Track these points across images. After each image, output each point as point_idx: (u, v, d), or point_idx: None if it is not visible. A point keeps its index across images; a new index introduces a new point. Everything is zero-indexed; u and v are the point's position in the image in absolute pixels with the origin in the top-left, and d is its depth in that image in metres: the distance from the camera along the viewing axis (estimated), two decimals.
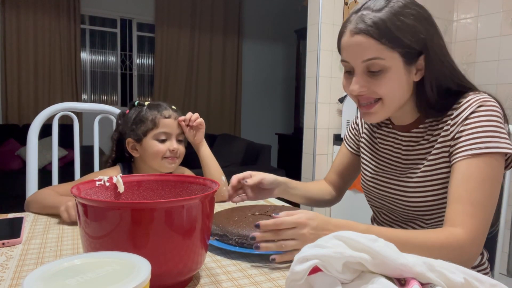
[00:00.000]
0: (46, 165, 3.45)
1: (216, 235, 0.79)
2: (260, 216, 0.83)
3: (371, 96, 0.80)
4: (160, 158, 1.09)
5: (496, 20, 2.51)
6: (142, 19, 4.77)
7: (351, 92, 0.81)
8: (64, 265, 0.40)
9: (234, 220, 0.81)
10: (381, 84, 0.77)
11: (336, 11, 2.73)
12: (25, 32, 4.03)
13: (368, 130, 1.03)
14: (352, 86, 0.79)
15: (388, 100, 0.79)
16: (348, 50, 0.78)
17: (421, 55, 0.78)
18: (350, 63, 0.79)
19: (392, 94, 0.79)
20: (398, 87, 0.78)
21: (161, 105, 1.13)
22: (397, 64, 0.76)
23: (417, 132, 0.87)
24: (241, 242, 0.75)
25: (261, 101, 5.58)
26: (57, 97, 4.21)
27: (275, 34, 5.47)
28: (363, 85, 0.79)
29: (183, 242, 0.56)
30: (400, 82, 0.78)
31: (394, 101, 0.80)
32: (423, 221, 0.87)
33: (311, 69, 2.77)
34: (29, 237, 0.82)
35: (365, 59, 0.76)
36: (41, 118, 1.33)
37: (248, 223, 0.79)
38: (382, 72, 0.76)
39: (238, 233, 0.76)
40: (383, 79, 0.77)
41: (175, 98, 4.83)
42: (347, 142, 1.11)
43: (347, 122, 2.65)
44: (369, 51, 0.75)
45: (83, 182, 0.67)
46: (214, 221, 0.81)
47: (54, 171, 1.36)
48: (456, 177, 0.75)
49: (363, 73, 0.78)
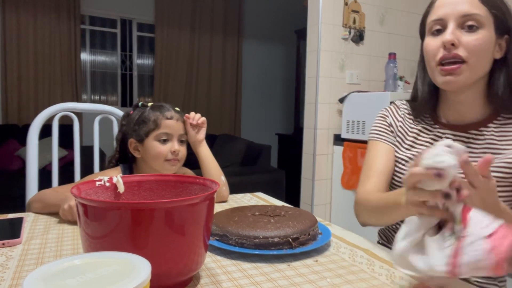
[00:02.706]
0: (46, 165, 3.45)
1: (216, 235, 0.79)
2: (260, 217, 0.82)
3: (459, 54, 0.79)
4: (162, 160, 1.09)
5: None
6: (142, 19, 4.77)
7: (444, 41, 0.80)
8: (64, 265, 0.40)
9: (234, 220, 0.81)
10: (473, 39, 0.79)
11: (336, 11, 2.73)
12: (25, 32, 4.03)
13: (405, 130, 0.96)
14: (446, 36, 0.80)
15: (474, 62, 0.79)
16: (448, 6, 0.81)
17: (506, 34, 0.82)
18: (444, 20, 0.81)
19: (479, 54, 0.79)
20: (486, 50, 0.80)
21: (164, 106, 1.13)
22: (490, 27, 0.80)
23: (483, 132, 0.84)
24: (241, 242, 0.75)
25: (261, 101, 5.57)
26: (57, 97, 4.21)
27: (275, 34, 5.47)
28: (456, 37, 0.80)
29: (183, 242, 0.56)
30: (488, 46, 0.80)
31: (479, 66, 0.81)
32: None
33: (311, 69, 2.77)
34: (29, 237, 0.82)
35: (465, 13, 0.79)
36: (41, 118, 1.33)
37: (248, 223, 0.78)
38: (477, 28, 0.79)
39: (238, 233, 0.75)
40: (476, 34, 0.79)
41: (175, 98, 4.83)
42: (383, 138, 0.98)
43: (347, 122, 2.65)
44: (470, 7, 0.79)
45: (83, 182, 0.67)
46: (214, 221, 0.81)
47: (54, 171, 1.36)
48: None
49: (458, 27, 0.80)
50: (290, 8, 5.32)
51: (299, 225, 0.78)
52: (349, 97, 2.66)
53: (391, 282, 0.64)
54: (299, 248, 0.75)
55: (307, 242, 0.77)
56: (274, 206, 0.92)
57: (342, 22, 2.75)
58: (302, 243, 0.76)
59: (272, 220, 0.80)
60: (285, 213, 0.85)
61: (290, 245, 0.75)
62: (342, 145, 2.66)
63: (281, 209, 0.89)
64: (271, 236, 0.74)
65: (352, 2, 2.78)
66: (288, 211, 0.87)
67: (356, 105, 2.59)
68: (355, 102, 2.61)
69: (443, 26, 0.82)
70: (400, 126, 0.98)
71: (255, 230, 0.75)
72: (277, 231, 0.75)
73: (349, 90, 2.75)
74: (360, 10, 2.81)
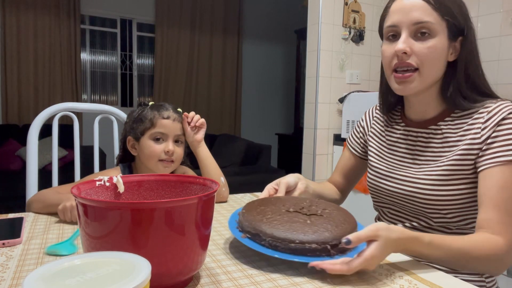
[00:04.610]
0: (46, 165, 3.45)
1: (248, 233, 0.72)
2: (296, 214, 0.75)
3: (411, 62, 0.82)
4: (156, 160, 1.09)
5: (496, 20, 2.51)
6: (142, 19, 4.77)
7: (396, 50, 0.82)
8: (64, 265, 0.40)
9: (267, 217, 0.73)
10: (425, 47, 0.81)
11: (336, 11, 2.73)
12: (25, 32, 4.03)
13: (376, 129, 1.04)
14: (398, 45, 0.82)
15: (425, 70, 0.82)
16: (400, 12, 0.83)
17: (460, 36, 0.83)
18: (398, 27, 0.83)
19: (431, 63, 0.82)
20: (438, 58, 0.82)
21: (163, 106, 1.13)
22: (442, 34, 0.81)
23: (441, 126, 0.88)
24: (275, 244, 0.68)
25: (261, 101, 5.58)
26: (57, 97, 4.21)
27: (275, 34, 5.47)
28: (408, 46, 0.82)
29: (183, 242, 0.56)
30: (440, 54, 0.82)
31: (430, 73, 0.83)
32: (431, 218, 0.87)
33: (311, 69, 2.77)
34: (29, 237, 0.82)
35: (417, 21, 0.80)
36: (41, 118, 1.33)
37: (282, 222, 0.71)
38: (429, 37, 0.81)
39: (272, 235, 0.68)
40: (429, 43, 0.81)
41: (175, 98, 4.83)
42: (351, 145, 1.13)
43: (347, 122, 2.65)
44: (422, 14, 0.80)
45: (83, 182, 0.66)
46: (245, 216, 0.74)
47: (54, 171, 1.36)
48: (490, 183, 0.77)
49: (410, 35, 0.82)
50: (290, 8, 5.32)
51: (337, 229, 0.70)
52: (349, 97, 2.66)
53: (391, 282, 0.64)
54: (337, 256, 0.68)
55: (346, 250, 0.69)
56: (309, 201, 0.83)
57: (342, 22, 2.76)
58: (341, 250, 0.69)
59: (309, 221, 0.72)
60: (322, 211, 0.77)
61: (328, 252, 0.68)
62: (342, 145, 2.66)
63: (318, 205, 0.80)
64: (308, 241, 0.67)
65: (352, 2, 2.78)
66: (325, 209, 0.78)
67: (356, 105, 2.59)
68: (355, 102, 2.61)
69: (397, 32, 0.84)
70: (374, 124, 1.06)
71: (291, 233, 0.68)
72: (315, 236, 0.68)
73: (349, 90, 2.75)
74: (360, 10, 2.81)
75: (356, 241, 0.64)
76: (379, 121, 1.05)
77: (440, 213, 0.85)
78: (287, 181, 0.94)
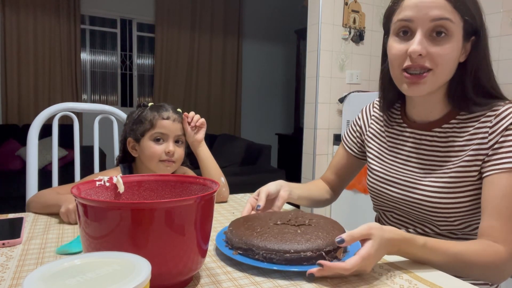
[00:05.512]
0: (46, 165, 3.45)
1: (239, 249, 0.71)
2: (285, 226, 0.75)
3: (425, 64, 0.77)
4: (156, 161, 1.09)
5: (496, 20, 2.51)
6: (142, 19, 4.77)
7: (412, 53, 0.76)
8: (64, 265, 0.40)
9: (257, 231, 0.72)
10: (442, 50, 0.76)
11: (336, 11, 2.73)
12: (25, 32, 4.03)
13: (375, 130, 1.01)
14: (414, 46, 0.76)
15: (439, 71, 0.78)
16: (416, 8, 0.76)
17: (473, 36, 0.79)
18: (413, 22, 0.77)
19: (446, 65, 0.78)
20: (453, 60, 0.78)
21: (163, 107, 1.13)
22: (458, 35, 0.77)
23: (446, 129, 0.85)
24: (270, 257, 0.67)
25: (261, 101, 5.58)
26: (57, 97, 4.21)
27: (275, 34, 5.47)
28: (424, 47, 0.76)
29: (183, 242, 0.56)
30: (454, 56, 0.78)
31: (444, 74, 0.79)
32: (437, 226, 0.85)
33: (311, 69, 2.78)
34: (29, 237, 0.82)
35: (436, 17, 0.75)
36: (41, 118, 1.33)
37: (273, 234, 0.71)
38: (446, 37, 0.76)
39: (265, 247, 0.68)
40: (445, 45, 0.76)
41: (175, 98, 4.83)
42: (346, 143, 1.11)
43: (347, 122, 2.65)
44: (443, 10, 0.75)
45: (83, 182, 0.66)
46: (234, 233, 0.74)
47: (54, 171, 1.36)
48: (494, 190, 0.75)
49: (425, 36, 0.76)
50: (290, 8, 5.32)
51: (329, 236, 0.70)
52: (349, 97, 2.66)
53: (391, 282, 0.64)
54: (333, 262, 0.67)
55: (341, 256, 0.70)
56: (294, 213, 0.84)
57: (342, 22, 2.76)
58: (335, 256, 0.69)
59: (299, 230, 0.72)
60: (309, 221, 0.77)
61: (323, 259, 0.67)
62: None
63: (303, 216, 0.81)
64: (303, 250, 0.66)
65: (352, 2, 2.78)
66: (312, 219, 0.79)
67: (356, 105, 2.59)
68: (355, 102, 2.61)
69: (410, 29, 0.78)
70: (372, 124, 1.02)
71: (285, 243, 0.68)
72: (309, 244, 0.67)
73: (349, 90, 2.75)
74: (360, 10, 2.81)
75: (349, 240, 0.64)
76: (378, 121, 1.01)
77: (447, 220, 0.83)
78: (267, 189, 0.92)
